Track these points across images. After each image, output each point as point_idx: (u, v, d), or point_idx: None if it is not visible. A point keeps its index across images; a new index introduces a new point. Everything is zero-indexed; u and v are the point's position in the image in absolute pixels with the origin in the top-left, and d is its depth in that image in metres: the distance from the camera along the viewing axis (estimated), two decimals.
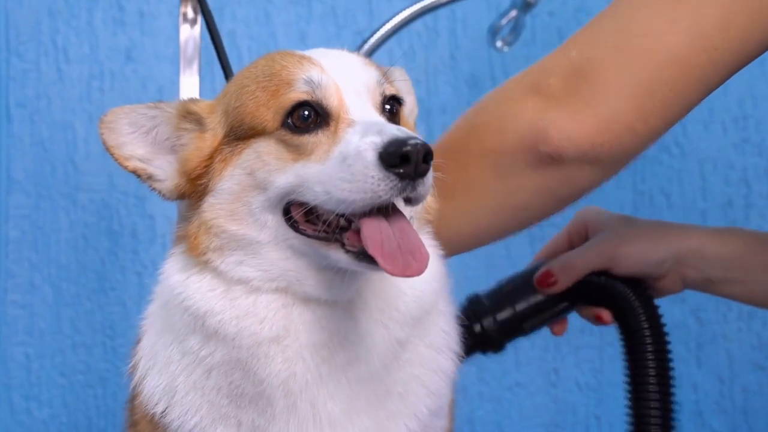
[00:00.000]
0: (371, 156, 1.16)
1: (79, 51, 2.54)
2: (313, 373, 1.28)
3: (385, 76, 1.32)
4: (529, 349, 2.60)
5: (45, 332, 2.54)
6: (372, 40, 2.17)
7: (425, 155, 1.16)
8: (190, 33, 2.05)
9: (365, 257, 1.19)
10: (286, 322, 1.27)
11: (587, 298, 1.68)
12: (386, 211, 1.20)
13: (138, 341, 1.41)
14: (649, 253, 1.64)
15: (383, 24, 2.20)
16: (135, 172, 1.34)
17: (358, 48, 2.21)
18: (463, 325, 1.46)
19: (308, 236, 1.25)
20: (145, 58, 2.55)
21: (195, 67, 2.05)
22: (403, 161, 1.15)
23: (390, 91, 1.32)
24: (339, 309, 1.29)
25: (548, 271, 1.65)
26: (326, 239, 1.24)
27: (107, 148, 1.34)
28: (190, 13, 2.04)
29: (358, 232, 1.21)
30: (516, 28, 2.28)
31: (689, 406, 2.62)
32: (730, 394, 2.62)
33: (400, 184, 1.16)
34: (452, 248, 1.45)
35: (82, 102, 2.53)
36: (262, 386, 1.28)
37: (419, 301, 1.32)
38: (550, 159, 1.40)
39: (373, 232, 1.19)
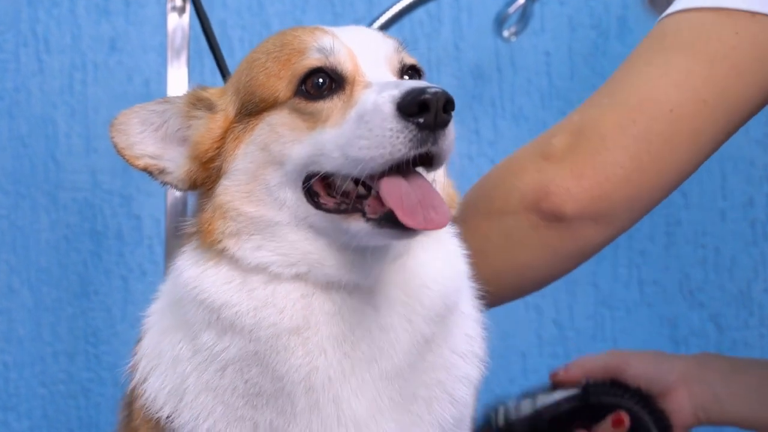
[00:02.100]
0: (389, 108, 1.18)
1: (61, 41, 2.53)
2: (336, 368, 1.28)
3: (403, 46, 1.34)
4: (539, 360, 2.60)
5: (24, 339, 2.53)
6: None
7: (446, 103, 1.18)
8: (179, 22, 2.05)
9: (387, 222, 1.21)
10: (306, 312, 1.28)
11: (601, 407, 1.82)
12: (406, 172, 1.22)
13: (139, 340, 1.41)
14: (656, 360, 1.83)
15: (383, 12, 2.20)
16: (146, 170, 1.37)
17: None
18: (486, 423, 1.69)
19: (329, 211, 1.27)
20: (131, 49, 2.55)
21: (183, 58, 2.05)
22: (422, 109, 1.17)
23: (409, 60, 1.34)
24: (361, 300, 1.30)
25: (563, 366, 1.87)
26: (347, 211, 1.25)
27: (118, 151, 1.36)
28: (179, 1, 2.04)
29: (378, 198, 1.22)
30: (524, 16, 2.28)
31: None
32: None
33: (419, 135, 1.18)
34: None
35: (63, 95, 2.53)
36: (281, 382, 1.28)
37: (443, 296, 1.34)
38: (552, 217, 1.51)
39: (392, 188, 1.20)
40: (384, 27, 2.18)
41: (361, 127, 1.20)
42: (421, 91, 1.17)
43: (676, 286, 2.64)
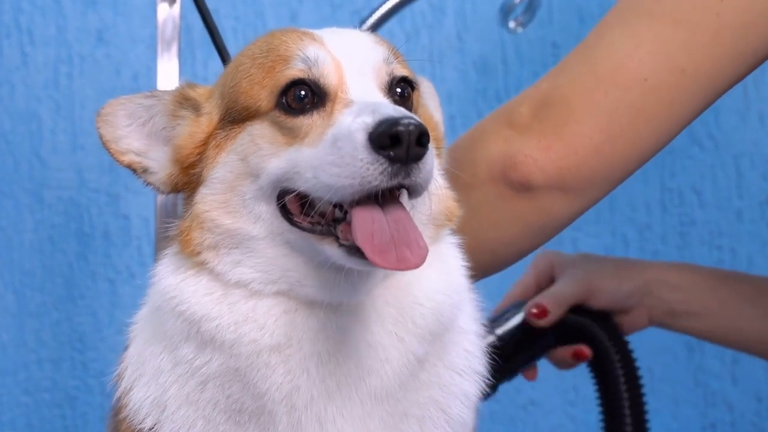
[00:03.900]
0: (361, 137, 1.17)
1: (46, 32, 2.53)
2: (319, 387, 1.28)
3: (395, 55, 1.32)
4: (546, 366, 2.59)
5: (7, 345, 2.53)
6: (371, 21, 2.17)
7: (419, 137, 1.16)
8: (169, 13, 2.05)
9: (358, 251, 1.19)
10: (288, 329, 1.28)
11: (564, 335, 1.90)
12: (382, 199, 1.20)
13: (126, 348, 1.41)
14: (620, 285, 1.88)
15: (383, 2, 2.20)
16: (130, 167, 1.37)
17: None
18: None
19: (303, 229, 1.26)
20: (119, 41, 2.55)
21: (174, 50, 2.05)
22: (394, 143, 1.16)
23: (400, 71, 1.32)
24: (347, 317, 1.29)
25: (541, 304, 1.86)
26: (322, 233, 1.25)
27: (104, 143, 1.36)
28: None
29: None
30: (531, 6, 2.28)
31: (724, 428, 2.61)
32: None
33: (390, 169, 1.16)
34: None
35: (48, 89, 2.53)
36: (262, 400, 1.28)
37: (437, 314, 1.32)
38: (520, 187, 1.52)
39: (363, 222, 1.19)
40: (383, 19, 2.17)
41: (334, 153, 1.19)
42: (394, 122, 1.15)
43: None
